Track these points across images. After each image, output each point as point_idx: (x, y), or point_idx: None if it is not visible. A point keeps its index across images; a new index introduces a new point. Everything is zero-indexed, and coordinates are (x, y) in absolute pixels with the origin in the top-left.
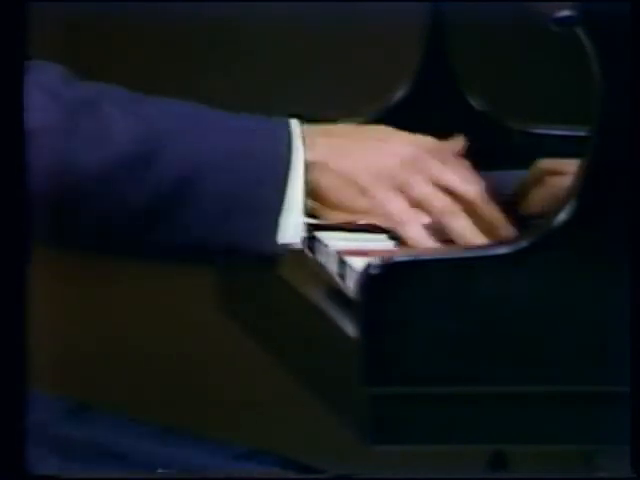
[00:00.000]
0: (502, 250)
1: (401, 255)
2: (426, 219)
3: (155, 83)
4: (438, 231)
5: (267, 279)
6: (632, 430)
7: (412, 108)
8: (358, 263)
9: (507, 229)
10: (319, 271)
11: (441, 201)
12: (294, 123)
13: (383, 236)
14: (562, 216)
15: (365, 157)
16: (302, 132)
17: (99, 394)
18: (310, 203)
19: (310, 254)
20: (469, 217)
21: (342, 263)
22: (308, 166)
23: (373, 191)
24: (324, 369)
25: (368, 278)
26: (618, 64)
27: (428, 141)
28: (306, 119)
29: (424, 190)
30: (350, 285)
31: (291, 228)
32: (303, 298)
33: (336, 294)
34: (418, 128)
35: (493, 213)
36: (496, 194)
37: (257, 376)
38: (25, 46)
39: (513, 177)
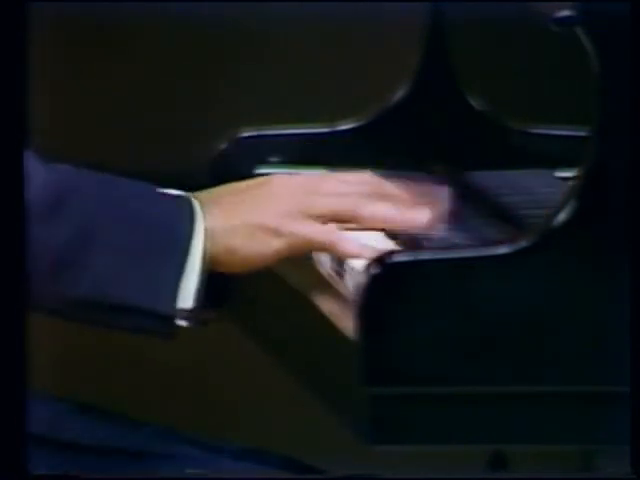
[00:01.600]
0: (502, 250)
1: (401, 255)
2: (347, 229)
3: (155, 83)
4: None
5: (267, 279)
6: (632, 430)
7: (412, 108)
8: (356, 262)
9: (423, 210)
10: (319, 271)
11: (347, 202)
12: (190, 196)
13: (379, 234)
14: (562, 216)
15: (259, 203)
16: (200, 205)
17: (99, 394)
18: (222, 269)
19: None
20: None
21: (335, 259)
22: (209, 233)
23: (285, 228)
24: (324, 369)
25: (368, 278)
26: (618, 64)
27: (298, 175)
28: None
29: (326, 201)
30: (346, 281)
31: (191, 292)
32: (303, 298)
33: (336, 294)
34: (418, 128)
35: (398, 197)
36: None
37: (257, 376)
38: (25, 46)
39: (513, 177)
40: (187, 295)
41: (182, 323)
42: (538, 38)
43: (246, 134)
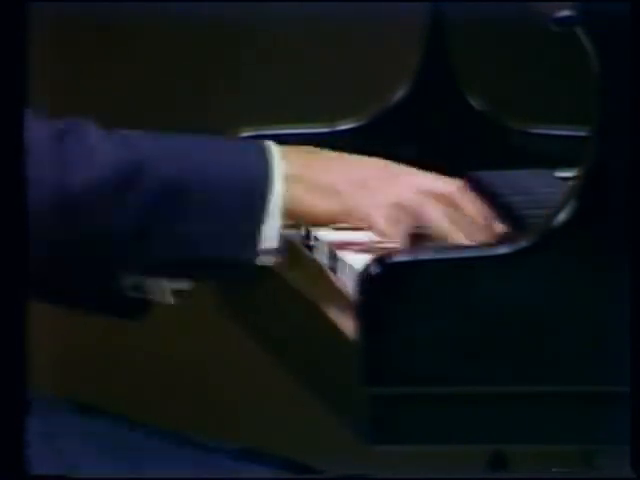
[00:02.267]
0: (502, 250)
1: (401, 255)
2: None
3: (155, 83)
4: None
5: (267, 279)
6: (632, 430)
7: (412, 108)
8: (348, 256)
9: (491, 226)
10: (319, 271)
11: (413, 197)
12: (268, 143)
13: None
14: (562, 216)
15: (334, 167)
16: (275, 151)
17: (99, 394)
18: (293, 218)
19: (308, 252)
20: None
21: (333, 256)
22: (287, 179)
23: (343, 194)
24: (324, 369)
25: (368, 278)
26: (618, 64)
27: (387, 162)
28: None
29: (396, 190)
30: (341, 278)
31: (271, 235)
32: (303, 298)
33: (336, 294)
34: (418, 128)
35: (472, 208)
36: (483, 195)
37: (257, 376)
38: (25, 46)
39: (513, 177)
40: (269, 238)
41: (266, 261)
42: (538, 38)
43: (246, 134)
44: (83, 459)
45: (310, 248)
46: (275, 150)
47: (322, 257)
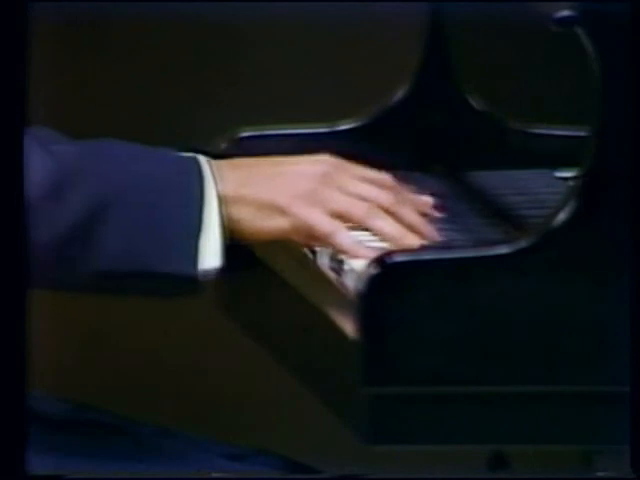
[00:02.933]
0: (502, 250)
1: (401, 255)
2: (348, 226)
3: (155, 83)
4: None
5: (267, 279)
6: (632, 430)
7: (412, 108)
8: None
9: (427, 230)
10: (319, 270)
11: (360, 208)
12: (202, 158)
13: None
14: (562, 216)
15: (277, 181)
16: (210, 167)
17: (99, 394)
18: (230, 239)
19: (308, 252)
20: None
21: (334, 257)
22: (221, 200)
23: (293, 209)
24: (324, 369)
25: (368, 278)
26: (618, 64)
27: (332, 159)
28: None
29: (342, 201)
30: (341, 278)
31: (210, 253)
32: (303, 298)
33: (336, 294)
34: (418, 128)
35: (409, 215)
36: (418, 195)
37: (257, 376)
38: (25, 46)
39: (513, 177)
40: (209, 254)
41: (205, 280)
42: (538, 38)
43: (246, 134)
44: (83, 459)
45: (314, 252)
46: (207, 168)
47: (322, 257)
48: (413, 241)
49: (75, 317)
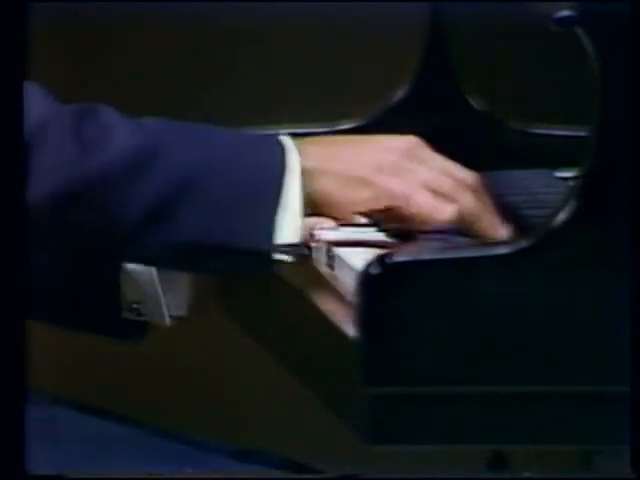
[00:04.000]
0: (502, 250)
1: (401, 255)
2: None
3: (155, 83)
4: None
5: (267, 279)
6: (632, 430)
7: (412, 108)
8: (348, 255)
9: (501, 226)
10: (319, 270)
11: (445, 182)
12: (285, 137)
13: (373, 229)
14: (562, 216)
15: (361, 155)
16: (293, 144)
17: (99, 394)
18: (315, 211)
19: (308, 252)
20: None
21: (330, 253)
22: (304, 174)
23: (375, 179)
24: (324, 369)
25: (368, 278)
26: (618, 64)
27: (417, 139)
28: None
29: (426, 174)
30: (341, 277)
31: (289, 229)
32: (303, 298)
33: (336, 293)
34: (418, 128)
35: (489, 204)
36: (492, 191)
37: (257, 376)
38: (25, 46)
39: (513, 177)
40: (286, 230)
41: (283, 257)
42: (538, 38)
43: None
44: (83, 459)
45: (310, 248)
46: (291, 144)
47: (321, 256)
48: (493, 224)
49: None
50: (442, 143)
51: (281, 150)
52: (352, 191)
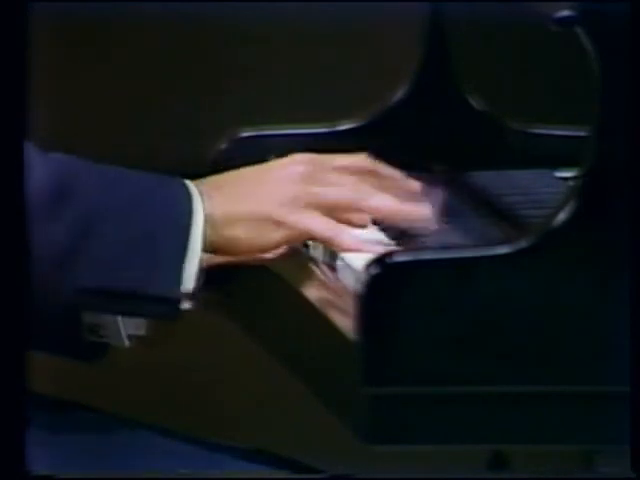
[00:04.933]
0: (502, 250)
1: (401, 255)
2: (348, 228)
3: (155, 83)
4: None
5: (267, 279)
6: (632, 430)
7: (412, 108)
8: (348, 255)
9: (415, 205)
10: (318, 270)
11: (349, 194)
12: (188, 182)
13: (373, 228)
14: (562, 216)
15: (262, 192)
16: (198, 188)
17: (99, 394)
18: (223, 255)
19: (308, 252)
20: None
21: (330, 253)
22: (209, 221)
23: (287, 218)
24: (324, 369)
25: (368, 278)
26: (618, 64)
27: (306, 156)
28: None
29: (329, 193)
30: (341, 277)
31: (193, 275)
32: (303, 298)
33: (336, 293)
34: (418, 128)
35: (397, 190)
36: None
37: (257, 376)
38: (25, 46)
39: (513, 177)
40: (189, 278)
41: (185, 305)
42: (538, 38)
43: (246, 134)
44: (83, 459)
45: (307, 247)
46: (195, 190)
47: (321, 256)
48: (412, 212)
49: None
50: (442, 143)
51: (187, 197)
52: (265, 234)
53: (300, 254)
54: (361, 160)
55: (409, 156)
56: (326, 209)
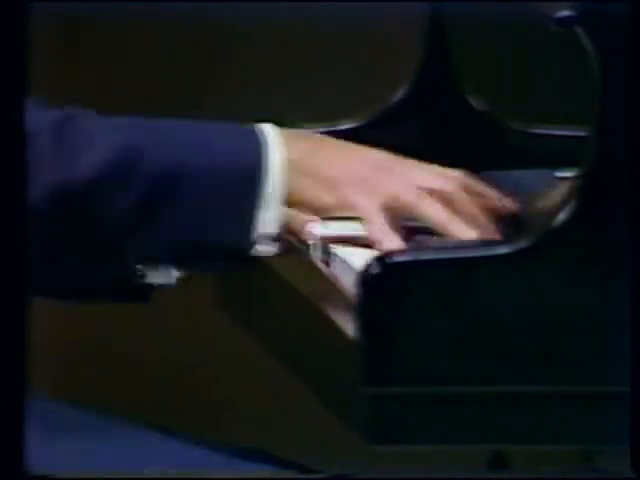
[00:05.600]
0: (502, 250)
1: (401, 255)
2: (387, 218)
3: (155, 83)
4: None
5: (266, 278)
6: (632, 430)
7: (412, 108)
8: (347, 255)
9: (485, 224)
10: (319, 269)
11: (409, 194)
12: (267, 127)
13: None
14: (562, 216)
15: (336, 158)
16: (275, 134)
17: (99, 394)
18: (292, 206)
19: (307, 251)
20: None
21: (326, 250)
22: (289, 167)
23: (342, 188)
24: (324, 369)
25: (368, 278)
26: (618, 64)
27: (389, 155)
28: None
29: (392, 186)
30: (340, 277)
31: (269, 221)
32: (303, 298)
33: (336, 293)
34: (418, 128)
35: (468, 206)
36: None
37: (257, 376)
38: (25, 46)
39: (513, 177)
40: (268, 222)
41: (265, 249)
42: (538, 38)
43: None
44: (83, 459)
45: (308, 245)
46: (275, 135)
47: (320, 255)
48: (461, 230)
49: (75, 317)
50: (442, 143)
51: (262, 144)
52: (317, 194)
53: (300, 253)
54: (456, 172)
55: (409, 156)
56: (382, 199)
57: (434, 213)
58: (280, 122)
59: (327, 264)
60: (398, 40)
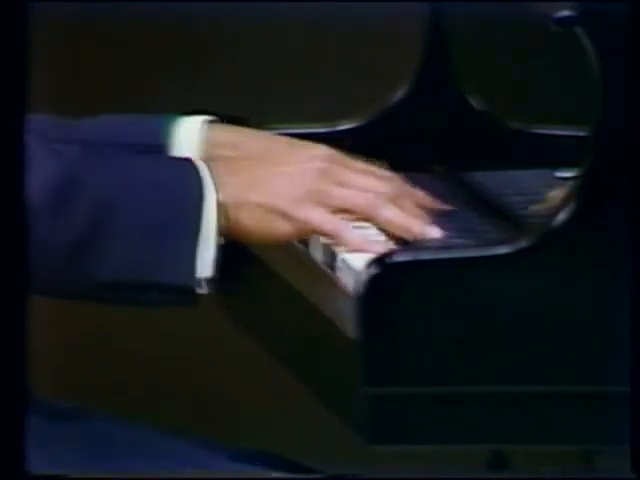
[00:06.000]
0: (502, 250)
1: (401, 255)
2: (354, 222)
3: (155, 83)
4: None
5: (266, 278)
6: (632, 430)
7: (412, 108)
8: (348, 255)
9: (430, 222)
10: (319, 270)
11: (363, 199)
12: (201, 164)
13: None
14: (562, 216)
15: (276, 184)
16: (210, 172)
17: (98, 395)
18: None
19: (307, 251)
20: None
21: (329, 252)
22: (221, 206)
23: (295, 213)
24: (324, 369)
25: (368, 278)
26: (618, 64)
27: (329, 152)
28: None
29: (343, 195)
30: (341, 277)
31: (208, 263)
32: (303, 298)
33: (336, 293)
34: (418, 128)
35: (412, 206)
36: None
37: (257, 377)
38: (25, 46)
39: (513, 177)
40: (205, 264)
41: (203, 291)
42: (538, 38)
43: None
44: (82, 459)
45: (307, 245)
46: (207, 173)
47: (320, 255)
48: (420, 230)
49: (75, 318)
50: (442, 143)
51: (198, 181)
52: (272, 225)
53: (300, 253)
54: (382, 170)
55: (409, 156)
56: (336, 210)
57: (391, 216)
58: (243, 120)
59: (330, 267)
60: (398, 40)
